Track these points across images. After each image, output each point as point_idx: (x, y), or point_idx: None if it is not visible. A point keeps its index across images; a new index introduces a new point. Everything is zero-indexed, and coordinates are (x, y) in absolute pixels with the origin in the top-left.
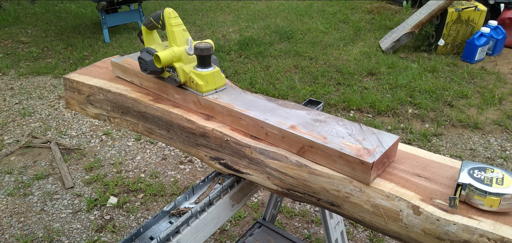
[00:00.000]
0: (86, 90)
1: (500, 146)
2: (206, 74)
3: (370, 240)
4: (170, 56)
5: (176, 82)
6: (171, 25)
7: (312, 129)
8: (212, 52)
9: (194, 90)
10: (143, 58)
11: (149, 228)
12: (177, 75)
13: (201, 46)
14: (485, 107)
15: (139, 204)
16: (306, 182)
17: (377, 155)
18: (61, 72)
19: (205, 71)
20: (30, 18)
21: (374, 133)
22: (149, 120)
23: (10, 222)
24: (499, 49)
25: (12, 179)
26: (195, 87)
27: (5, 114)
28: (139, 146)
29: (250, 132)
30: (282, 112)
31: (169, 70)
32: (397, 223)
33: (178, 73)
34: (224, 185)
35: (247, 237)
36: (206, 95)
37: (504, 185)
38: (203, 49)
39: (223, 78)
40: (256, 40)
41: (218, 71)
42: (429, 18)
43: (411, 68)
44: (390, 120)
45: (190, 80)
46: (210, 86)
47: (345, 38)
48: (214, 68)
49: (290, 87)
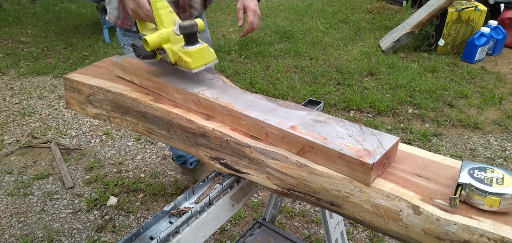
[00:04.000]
0: (86, 90)
1: (500, 146)
2: (193, 51)
3: (370, 240)
4: (158, 38)
5: (168, 63)
6: (157, 8)
7: (312, 129)
8: (196, 29)
9: (184, 68)
10: (135, 44)
11: (149, 228)
12: (168, 56)
13: (185, 24)
14: (485, 107)
15: (139, 204)
16: (306, 182)
17: (377, 156)
18: (61, 72)
19: (192, 48)
20: (30, 18)
21: (374, 134)
22: (149, 120)
23: (10, 222)
24: (499, 49)
25: (12, 179)
26: (184, 65)
27: (5, 114)
28: (139, 146)
29: (250, 132)
30: (283, 113)
31: (160, 52)
32: (397, 223)
33: (168, 54)
34: (224, 185)
35: (247, 237)
36: (196, 70)
37: (504, 185)
38: (187, 27)
39: (213, 53)
40: (256, 40)
41: (206, 47)
42: (429, 18)
43: (411, 68)
44: (390, 120)
45: (180, 59)
46: (199, 62)
47: (345, 38)
48: (202, 44)
49: (290, 87)
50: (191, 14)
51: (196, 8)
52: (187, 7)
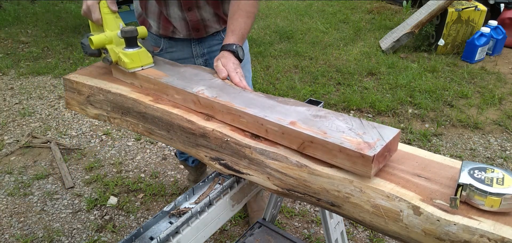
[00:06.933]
0: (86, 90)
1: (500, 146)
2: (131, 53)
3: (370, 240)
4: (102, 39)
5: (109, 61)
6: (105, 13)
7: (312, 124)
8: (135, 34)
9: (123, 67)
10: (83, 42)
11: (149, 228)
12: (110, 55)
13: (125, 29)
14: (485, 107)
15: (139, 204)
16: (306, 182)
17: (378, 148)
18: (61, 72)
19: (130, 51)
20: (30, 18)
21: (374, 127)
22: (149, 120)
23: (10, 222)
24: (499, 49)
25: (12, 179)
26: (123, 64)
27: (5, 114)
28: (139, 146)
29: (250, 130)
30: (282, 109)
31: (104, 51)
32: (397, 224)
33: (110, 54)
34: (224, 186)
35: (247, 237)
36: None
37: (505, 185)
38: (127, 32)
39: (150, 57)
40: (256, 40)
41: (143, 51)
42: (429, 18)
43: (411, 68)
44: (390, 120)
45: (119, 59)
46: (136, 64)
47: (345, 38)
48: (140, 48)
49: (290, 87)
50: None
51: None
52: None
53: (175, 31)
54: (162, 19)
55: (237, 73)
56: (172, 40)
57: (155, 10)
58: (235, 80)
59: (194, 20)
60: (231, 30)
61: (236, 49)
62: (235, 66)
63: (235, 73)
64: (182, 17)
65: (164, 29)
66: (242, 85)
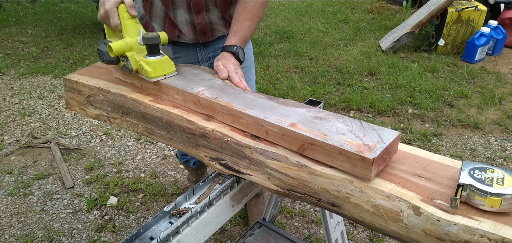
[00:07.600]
0: (86, 90)
1: (500, 146)
2: (153, 61)
3: (370, 240)
4: (122, 46)
5: (129, 70)
6: (124, 18)
7: (312, 126)
8: (158, 41)
9: (144, 76)
10: (100, 49)
11: (149, 228)
12: (130, 64)
13: (148, 36)
14: (485, 107)
15: (139, 204)
16: (306, 183)
17: (378, 151)
18: (61, 72)
19: (153, 59)
20: (30, 18)
21: (374, 129)
22: (149, 120)
23: (10, 222)
24: (499, 49)
25: (12, 179)
26: (144, 73)
27: (5, 114)
28: (139, 146)
29: (250, 131)
30: (282, 110)
31: (123, 59)
32: (397, 224)
33: (130, 62)
34: (224, 186)
35: (247, 237)
36: (155, 80)
37: (505, 185)
38: (149, 38)
39: (172, 65)
40: (256, 40)
41: (166, 59)
42: (429, 18)
43: (411, 68)
44: (390, 120)
45: (140, 67)
46: (158, 72)
47: (345, 38)
48: (163, 56)
49: (290, 87)
50: (213, 36)
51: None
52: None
53: (180, 36)
54: (167, 22)
55: (237, 74)
56: (177, 45)
57: (160, 13)
58: (235, 80)
59: (202, 23)
60: (234, 32)
61: (236, 50)
62: (235, 67)
63: (235, 74)
64: (190, 21)
65: (169, 33)
66: (242, 86)
